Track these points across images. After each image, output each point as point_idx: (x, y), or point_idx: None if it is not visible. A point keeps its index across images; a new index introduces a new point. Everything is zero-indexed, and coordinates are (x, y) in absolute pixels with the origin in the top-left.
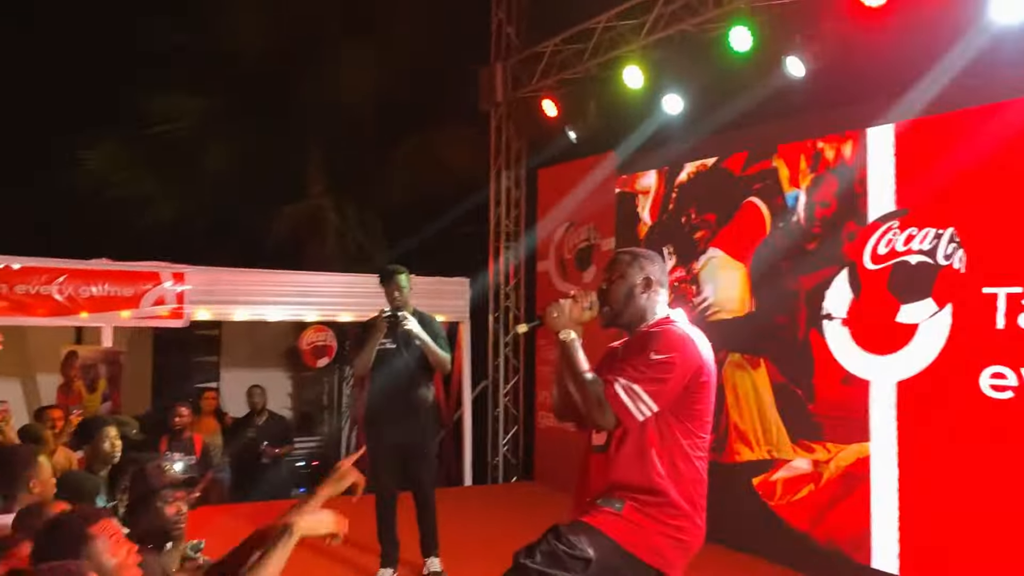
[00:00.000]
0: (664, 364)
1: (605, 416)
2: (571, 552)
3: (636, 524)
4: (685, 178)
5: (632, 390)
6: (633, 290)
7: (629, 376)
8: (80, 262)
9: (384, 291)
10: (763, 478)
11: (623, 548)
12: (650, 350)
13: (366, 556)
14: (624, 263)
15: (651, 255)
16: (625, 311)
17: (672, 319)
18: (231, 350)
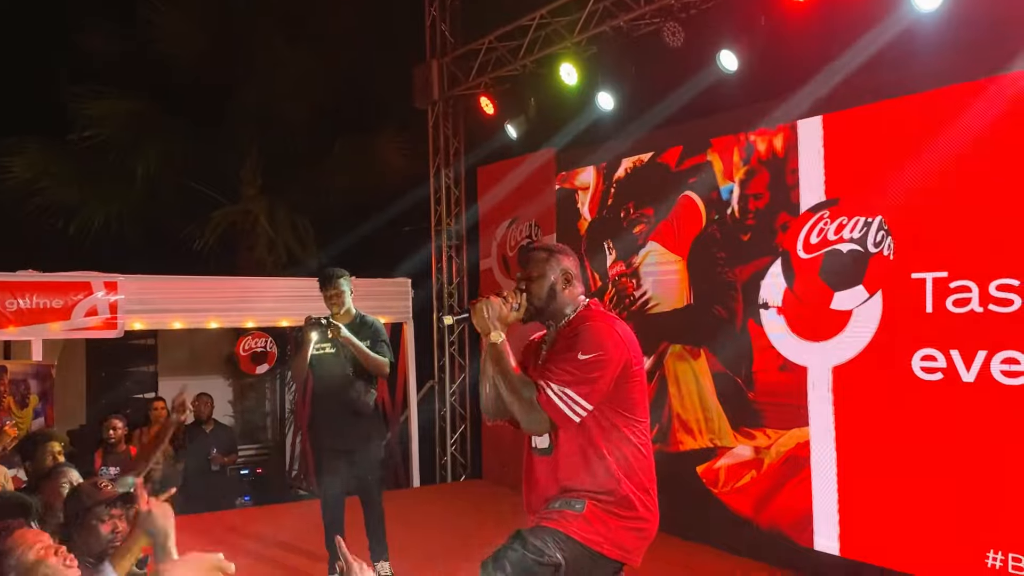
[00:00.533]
0: (592, 363)
1: (540, 422)
2: (540, 560)
3: (600, 522)
4: (623, 173)
5: (565, 394)
6: (554, 287)
7: (560, 380)
8: (6, 274)
9: (323, 295)
10: (707, 466)
11: (590, 548)
12: (577, 350)
13: (315, 564)
14: (541, 260)
15: (565, 249)
16: (547, 308)
17: (591, 309)
18: (168, 358)
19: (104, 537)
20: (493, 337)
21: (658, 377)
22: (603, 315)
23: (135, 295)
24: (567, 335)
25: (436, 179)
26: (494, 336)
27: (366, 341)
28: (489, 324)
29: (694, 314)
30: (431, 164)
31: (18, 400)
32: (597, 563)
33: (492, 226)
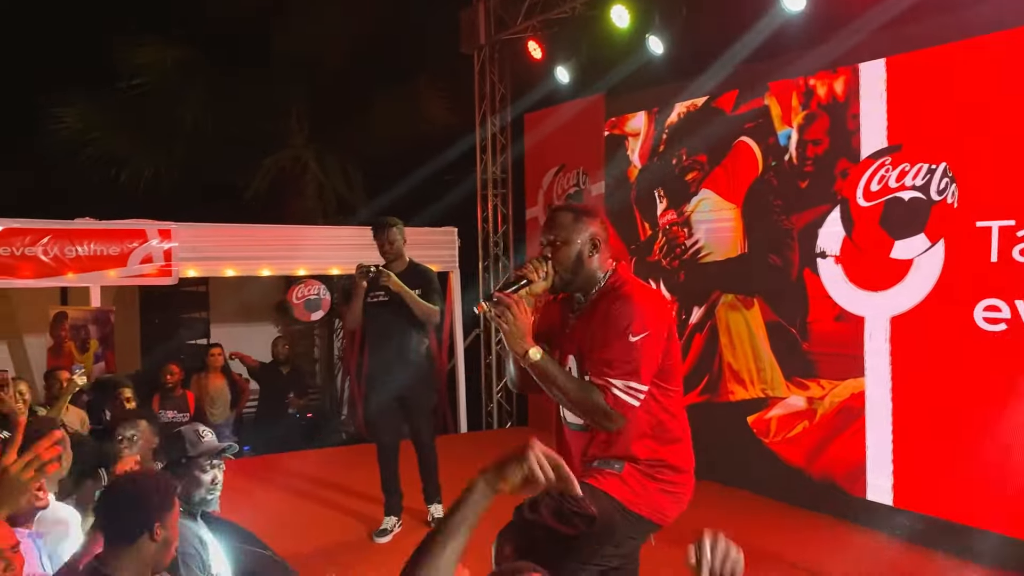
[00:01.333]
0: (645, 344)
1: (614, 422)
2: (575, 509)
3: (637, 483)
4: (675, 118)
5: (630, 388)
6: (581, 254)
7: (621, 373)
8: (64, 222)
9: (376, 243)
10: (757, 416)
11: (626, 507)
12: (627, 332)
13: (370, 506)
14: (567, 224)
15: (593, 210)
16: (576, 277)
17: (623, 277)
18: (219, 305)
19: (205, 486)
20: (532, 355)
21: (709, 327)
22: (639, 285)
23: (188, 243)
24: (603, 308)
25: (482, 126)
26: (532, 354)
27: (418, 289)
28: (519, 344)
29: (748, 263)
30: (477, 111)
31: (79, 345)
32: (631, 522)
33: (538, 174)
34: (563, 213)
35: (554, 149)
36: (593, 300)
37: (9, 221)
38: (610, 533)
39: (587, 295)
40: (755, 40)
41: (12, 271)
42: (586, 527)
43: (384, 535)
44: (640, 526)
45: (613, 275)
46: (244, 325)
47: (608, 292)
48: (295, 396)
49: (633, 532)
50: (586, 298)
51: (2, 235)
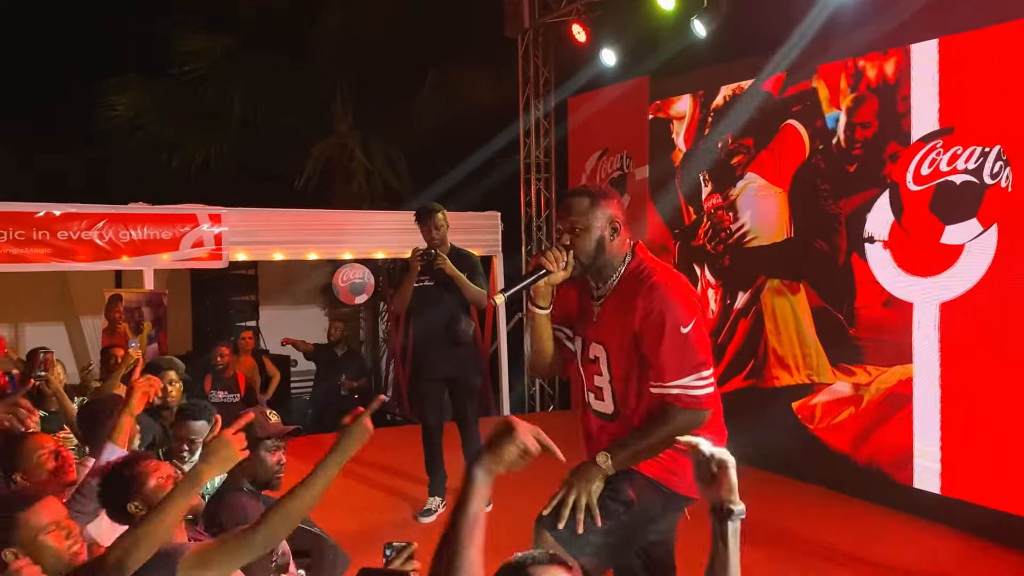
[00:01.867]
0: (695, 333)
1: (701, 420)
2: (612, 496)
3: (672, 461)
4: (721, 101)
5: (700, 380)
6: (602, 239)
7: (685, 371)
8: (119, 207)
9: (420, 229)
10: (803, 402)
11: (664, 487)
12: (676, 326)
13: (415, 487)
14: (584, 211)
15: (609, 192)
16: (595, 263)
17: (644, 260)
18: (268, 289)
19: (271, 467)
20: (602, 464)
21: (754, 312)
22: (662, 267)
23: (238, 227)
24: (634, 299)
25: (525, 110)
26: (602, 463)
27: (464, 273)
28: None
29: (794, 248)
30: (520, 95)
31: (132, 327)
32: (668, 501)
33: (582, 158)
34: (580, 198)
35: (598, 133)
36: (616, 286)
37: (66, 206)
38: (650, 513)
39: (606, 280)
40: (803, 21)
41: (69, 254)
42: (625, 511)
43: (428, 515)
44: (677, 502)
45: (634, 258)
46: (291, 308)
47: (632, 278)
48: (348, 378)
49: (670, 509)
50: (605, 283)
51: (60, 219)
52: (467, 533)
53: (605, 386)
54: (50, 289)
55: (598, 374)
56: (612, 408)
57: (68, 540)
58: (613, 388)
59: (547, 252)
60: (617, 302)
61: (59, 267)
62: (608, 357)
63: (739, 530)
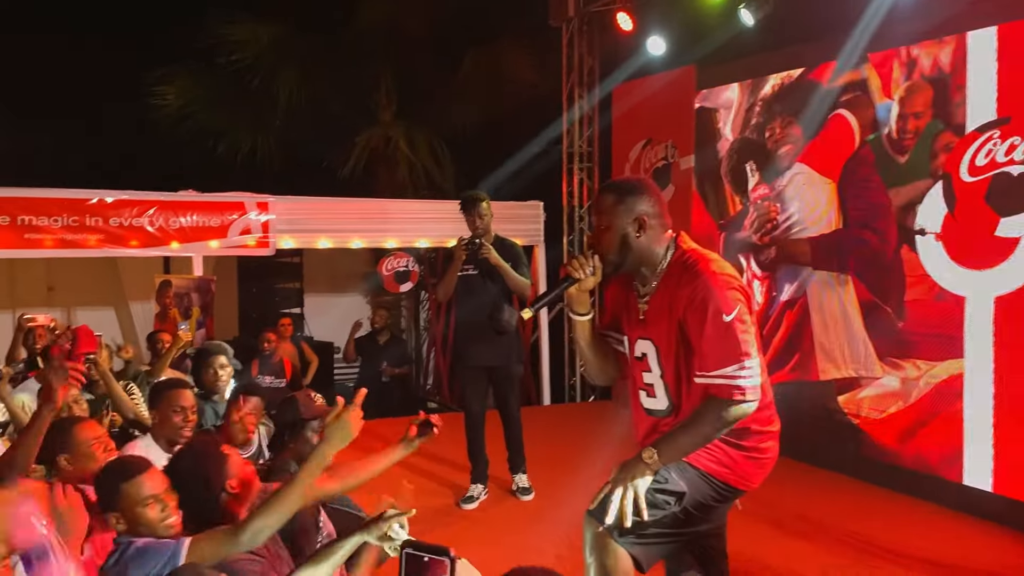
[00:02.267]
0: (739, 322)
1: (747, 410)
2: (663, 487)
3: (723, 454)
4: (769, 91)
5: (745, 369)
6: (626, 237)
7: (729, 360)
8: (168, 194)
9: (465, 218)
10: (849, 396)
11: (715, 478)
12: (718, 314)
13: (457, 474)
14: (608, 208)
15: (638, 187)
16: (625, 260)
17: (687, 250)
18: (312, 276)
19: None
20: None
21: (800, 304)
22: (705, 256)
23: (284, 215)
24: (677, 290)
25: (569, 99)
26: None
27: (508, 263)
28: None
29: (843, 239)
30: (564, 84)
31: (182, 312)
32: (719, 492)
33: (626, 147)
34: (605, 196)
35: (642, 122)
36: (661, 281)
37: (118, 193)
38: (701, 506)
39: (650, 277)
40: (855, 9)
41: (121, 240)
42: (676, 503)
43: (471, 502)
44: (728, 494)
45: (676, 251)
46: (334, 295)
47: (677, 269)
48: (389, 365)
49: (722, 500)
50: (649, 280)
51: (112, 206)
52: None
53: (656, 382)
54: (101, 274)
55: (647, 371)
56: (666, 404)
57: (163, 513)
58: (665, 383)
59: (573, 262)
60: (663, 295)
61: (111, 253)
62: (658, 352)
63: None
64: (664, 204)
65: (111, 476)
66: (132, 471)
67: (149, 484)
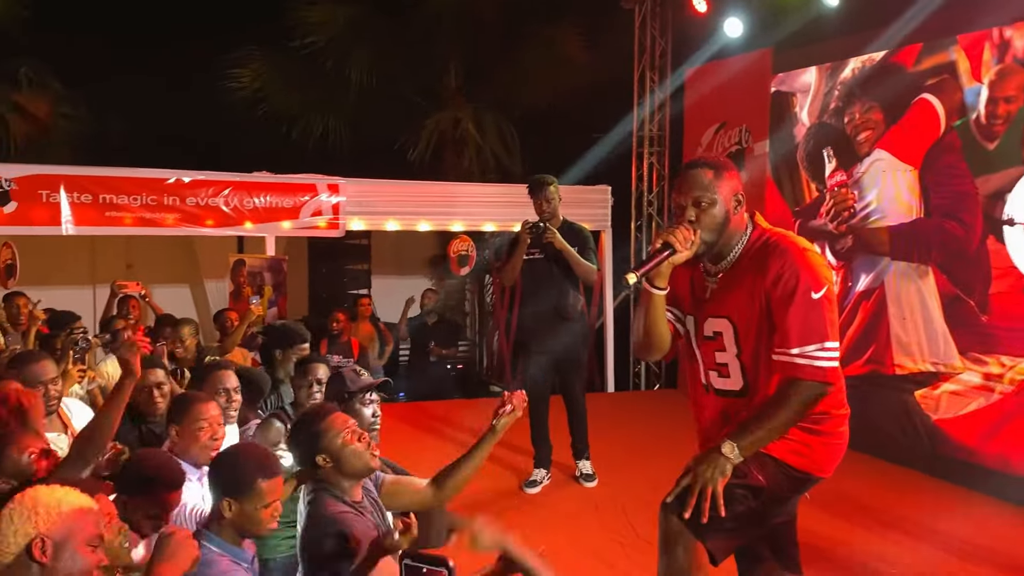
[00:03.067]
0: (826, 301)
1: (825, 391)
2: (742, 482)
3: (801, 443)
4: (850, 74)
5: (825, 349)
6: (728, 213)
7: (811, 338)
8: (243, 175)
9: (533, 201)
10: (926, 391)
11: (793, 467)
12: (807, 291)
13: (521, 457)
14: (708, 183)
15: (728, 163)
16: (720, 239)
17: (763, 228)
18: (379, 258)
19: (367, 420)
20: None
21: (877, 295)
22: (785, 234)
23: (354, 197)
24: (761, 267)
25: (640, 82)
26: (730, 453)
27: (575, 248)
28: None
29: (924, 229)
30: (636, 66)
31: (255, 291)
32: (797, 482)
33: (698, 131)
34: (701, 170)
35: (716, 106)
36: (738, 258)
37: (195, 173)
38: (779, 498)
39: (726, 255)
40: None
41: (197, 220)
42: (754, 497)
43: (534, 486)
44: (805, 483)
45: (755, 229)
46: (401, 277)
47: (758, 246)
48: (436, 346)
49: (798, 490)
50: (725, 257)
51: (188, 186)
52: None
53: (731, 361)
54: (178, 252)
55: (720, 350)
56: (741, 383)
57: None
58: (742, 363)
59: (675, 231)
60: (742, 272)
61: (187, 232)
62: (736, 330)
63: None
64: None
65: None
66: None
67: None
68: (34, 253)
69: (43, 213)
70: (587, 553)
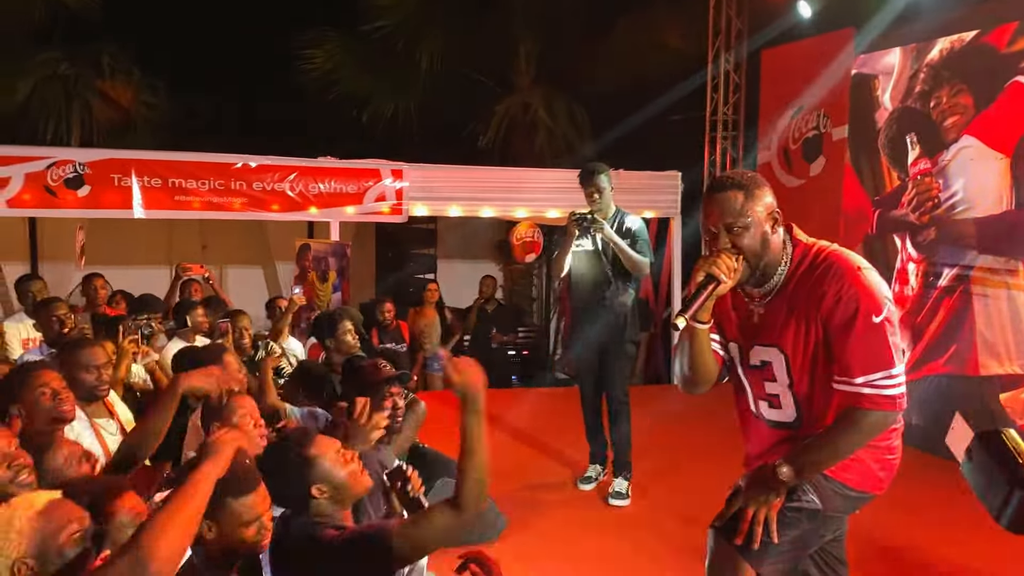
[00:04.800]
0: (888, 324)
1: (889, 422)
2: (797, 504)
3: (856, 460)
4: (937, 56)
5: (891, 376)
6: (766, 235)
7: (875, 366)
8: (308, 160)
9: (583, 190)
10: (1012, 395)
11: (848, 487)
12: (867, 315)
13: (577, 453)
14: (738, 206)
15: (757, 178)
16: (760, 262)
17: (807, 244)
18: (446, 243)
19: (385, 411)
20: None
21: (961, 292)
22: (842, 251)
23: (418, 183)
24: (811, 285)
25: (714, 64)
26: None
27: (627, 239)
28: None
29: (1015, 221)
30: (710, 47)
31: (319, 275)
32: (852, 500)
33: (773, 115)
34: (730, 193)
35: (793, 89)
36: (784, 281)
37: (261, 158)
38: (834, 517)
39: (770, 278)
40: None
41: (263, 204)
42: (809, 521)
43: (588, 483)
44: (860, 501)
45: (796, 247)
46: (467, 262)
47: (805, 267)
48: (498, 332)
49: (853, 508)
50: (768, 280)
51: (255, 171)
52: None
53: (783, 392)
54: (250, 235)
55: (770, 380)
56: (794, 415)
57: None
58: (795, 394)
59: (717, 261)
60: (791, 297)
61: (253, 216)
62: (786, 360)
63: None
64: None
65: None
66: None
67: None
68: (112, 234)
69: (115, 197)
70: (642, 553)
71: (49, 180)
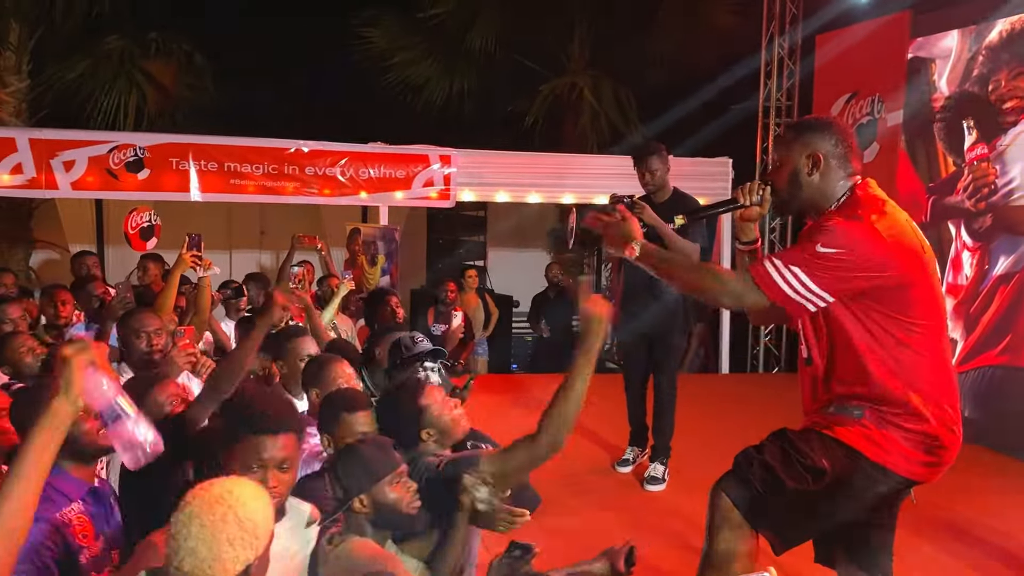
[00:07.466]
0: (830, 257)
1: (748, 294)
2: (804, 461)
3: (879, 434)
4: (996, 38)
5: (789, 270)
6: (798, 174)
7: (786, 259)
8: (359, 145)
9: (636, 173)
10: None
11: (867, 458)
12: (816, 240)
13: (617, 434)
14: (784, 142)
15: (821, 125)
16: (793, 199)
17: (860, 196)
18: (496, 230)
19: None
20: (635, 249)
21: (1017, 280)
22: (872, 209)
23: (465, 168)
24: (813, 228)
25: (768, 48)
26: (635, 247)
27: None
28: (620, 243)
29: None
30: (764, 32)
31: (369, 259)
32: (875, 476)
33: (828, 101)
34: (785, 130)
35: (847, 73)
36: (813, 223)
37: (314, 143)
38: (847, 488)
39: (808, 215)
40: None
41: (315, 189)
42: (815, 481)
43: (626, 465)
44: (886, 479)
45: (849, 196)
46: (517, 250)
47: (830, 215)
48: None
49: (874, 485)
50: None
51: (307, 156)
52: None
53: (803, 331)
54: (306, 220)
55: (800, 319)
56: (806, 353)
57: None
58: (806, 330)
59: (746, 186)
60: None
61: (305, 200)
62: (813, 319)
63: None
64: (853, 147)
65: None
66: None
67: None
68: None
69: (173, 180)
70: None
71: (111, 163)
